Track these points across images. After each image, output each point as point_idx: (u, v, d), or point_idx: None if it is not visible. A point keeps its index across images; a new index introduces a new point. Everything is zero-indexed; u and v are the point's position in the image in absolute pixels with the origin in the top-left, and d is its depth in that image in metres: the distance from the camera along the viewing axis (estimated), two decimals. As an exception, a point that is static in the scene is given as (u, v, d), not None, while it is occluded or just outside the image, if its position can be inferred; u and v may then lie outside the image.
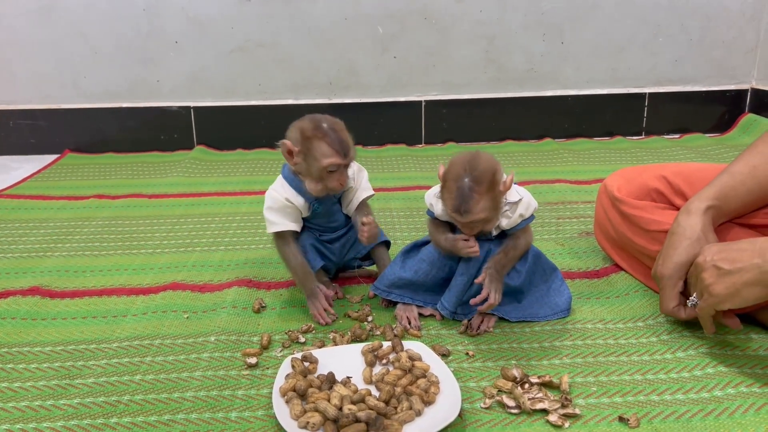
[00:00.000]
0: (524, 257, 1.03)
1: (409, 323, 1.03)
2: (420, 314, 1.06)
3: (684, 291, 0.95)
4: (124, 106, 2.29)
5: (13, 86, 2.25)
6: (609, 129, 2.37)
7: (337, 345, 0.98)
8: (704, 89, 2.38)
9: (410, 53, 2.28)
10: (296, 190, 1.06)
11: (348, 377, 0.87)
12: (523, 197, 0.98)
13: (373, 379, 0.87)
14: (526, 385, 0.86)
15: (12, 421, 0.83)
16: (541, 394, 0.84)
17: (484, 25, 2.26)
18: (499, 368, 0.90)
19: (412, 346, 0.93)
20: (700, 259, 0.88)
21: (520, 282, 1.03)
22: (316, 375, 0.87)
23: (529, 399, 0.83)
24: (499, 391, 0.85)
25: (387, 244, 1.18)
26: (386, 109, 2.32)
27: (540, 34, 2.28)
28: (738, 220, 1.02)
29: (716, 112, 2.40)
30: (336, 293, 1.15)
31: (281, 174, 1.09)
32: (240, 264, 1.31)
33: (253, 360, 0.94)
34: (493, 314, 1.03)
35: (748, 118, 2.35)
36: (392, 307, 1.10)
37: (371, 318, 1.06)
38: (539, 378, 0.87)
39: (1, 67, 2.23)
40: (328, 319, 1.06)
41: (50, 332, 1.05)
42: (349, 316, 1.08)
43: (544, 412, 0.81)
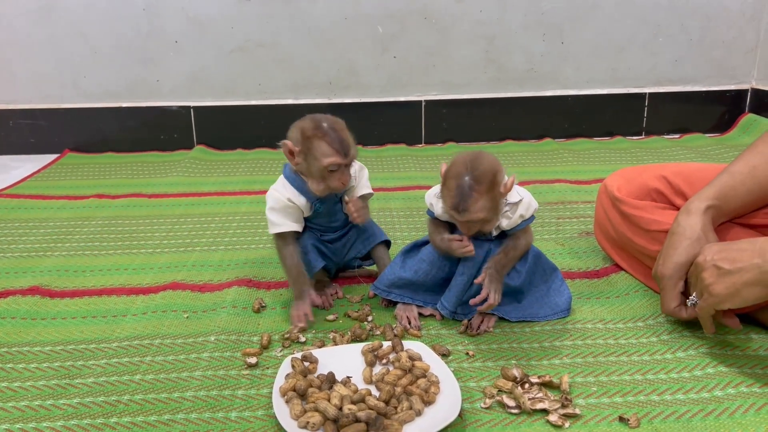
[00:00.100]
0: (524, 257, 1.03)
1: (409, 323, 1.03)
2: (420, 314, 1.06)
3: (685, 291, 0.95)
4: (124, 105, 2.29)
5: (13, 86, 2.25)
6: (609, 129, 2.37)
7: (337, 345, 0.98)
8: (704, 89, 2.38)
9: (410, 53, 2.28)
10: (298, 189, 1.06)
11: (348, 377, 0.87)
12: (523, 198, 0.98)
13: (373, 378, 0.87)
14: (527, 385, 0.86)
15: (12, 420, 0.83)
16: (541, 394, 0.84)
17: (484, 25, 2.26)
18: (500, 368, 0.90)
19: (412, 345, 0.93)
20: (700, 258, 0.88)
21: (520, 282, 1.03)
22: (316, 375, 0.87)
23: (529, 399, 0.83)
24: (500, 391, 0.85)
25: (387, 243, 1.18)
26: (386, 109, 2.32)
27: (540, 34, 2.28)
28: (738, 220, 1.02)
29: (716, 112, 2.40)
30: (336, 293, 1.15)
31: (282, 174, 1.09)
32: (240, 264, 1.31)
33: (253, 360, 0.94)
34: (493, 314, 1.03)
35: (748, 118, 2.35)
36: (392, 306, 1.10)
37: (371, 318, 1.06)
38: (539, 378, 0.87)
39: (1, 67, 2.23)
40: (305, 324, 1.03)
41: (50, 332, 1.05)
42: (349, 316, 1.07)
43: (545, 412, 0.81)
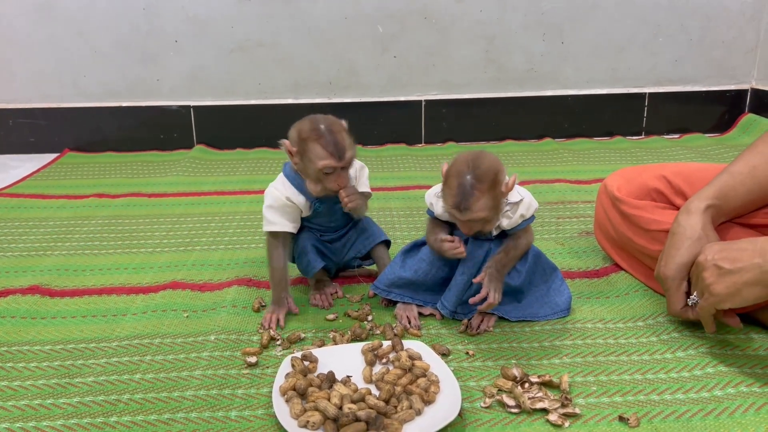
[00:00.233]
0: (524, 257, 1.03)
1: (409, 322, 1.03)
2: (420, 313, 1.06)
3: (689, 291, 0.95)
4: (124, 105, 2.28)
5: (13, 85, 2.25)
6: (609, 129, 2.37)
7: (337, 344, 0.98)
8: (704, 89, 2.38)
9: (410, 53, 2.28)
10: (297, 188, 1.06)
11: (348, 376, 0.87)
12: (524, 197, 0.98)
13: (373, 378, 0.87)
14: (526, 385, 0.86)
15: (12, 419, 0.83)
16: (541, 394, 0.84)
17: (484, 25, 2.26)
18: (499, 367, 0.90)
19: (412, 345, 0.93)
20: (701, 258, 0.88)
21: (520, 282, 1.03)
22: (316, 374, 0.87)
23: (529, 398, 0.82)
24: (499, 390, 0.85)
25: (387, 243, 1.18)
26: (386, 109, 2.32)
27: (540, 34, 2.28)
28: (738, 219, 1.02)
29: (716, 112, 2.40)
30: (336, 292, 1.15)
31: (282, 172, 1.08)
32: (240, 263, 1.31)
33: (253, 359, 0.94)
34: (493, 314, 1.03)
35: (748, 118, 2.35)
36: (392, 306, 1.10)
37: (371, 317, 1.06)
38: (539, 377, 0.87)
39: (0, 66, 2.23)
40: (274, 331, 1.01)
41: (50, 331, 1.05)
42: (349, 316, 1.07)
43: (544, 411, 0.81)
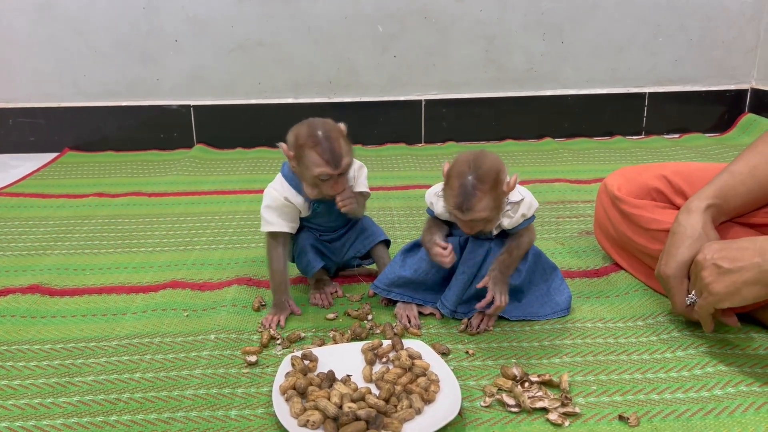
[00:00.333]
0: (524, 256, 1.03)
1: (409, 322, 1.03)
2: (420, 313, 1.06)
3: (689, 290, 0.95)
4: (124, 104, 2.28)
5: (13, 84, 2.25)
6: (609, 129, 2.37)
7: (337, 343, 0.98)
8: (704, 89, 2.38)
9: (410, 53, 2.28)
10: (296, 188, 1.06)
11: (348, 375, 0.87)
12: (525, 197, 0.98)
13: (373, 377, 0.87)
14: (526, 384, 0.86)
15: (12, 418, 0.83)
16: (541, 393, 0.84)
17: (484, 25, 2.26)
18: (499, 367, 0.90)
19: (412, 344, 0.93)
20: (700, 257, 0.88)
21: (520, 281, 1.02)
22: (316, 373, 0.87)
23: (529, 398, 0.83)
24: (499, 389, 0.85)
25: (387, 243, 1.18)
26: (386, 109, 2.32)
27: (540, 34, 2.28)
28: (738, 219, 1.02)
29: (716, 112, 2.40)
30: (336, 291, 1.15)
31: (281, 172, 1.08)
32: (240, 262, 1.31)
33: (253, 358, 0.94)
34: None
35: (748, 118, 2.35)
36: (392, 305, 1.10)
37: (371, 316, 1.06)
38: (539, 377, 0.87)
39: (0, 66, 2.23)
40: (274, 330, 1.01)
41: (50, 330, 1.05)
42: (349, 315, 1.07)
43: (544, 410, 0.81)
